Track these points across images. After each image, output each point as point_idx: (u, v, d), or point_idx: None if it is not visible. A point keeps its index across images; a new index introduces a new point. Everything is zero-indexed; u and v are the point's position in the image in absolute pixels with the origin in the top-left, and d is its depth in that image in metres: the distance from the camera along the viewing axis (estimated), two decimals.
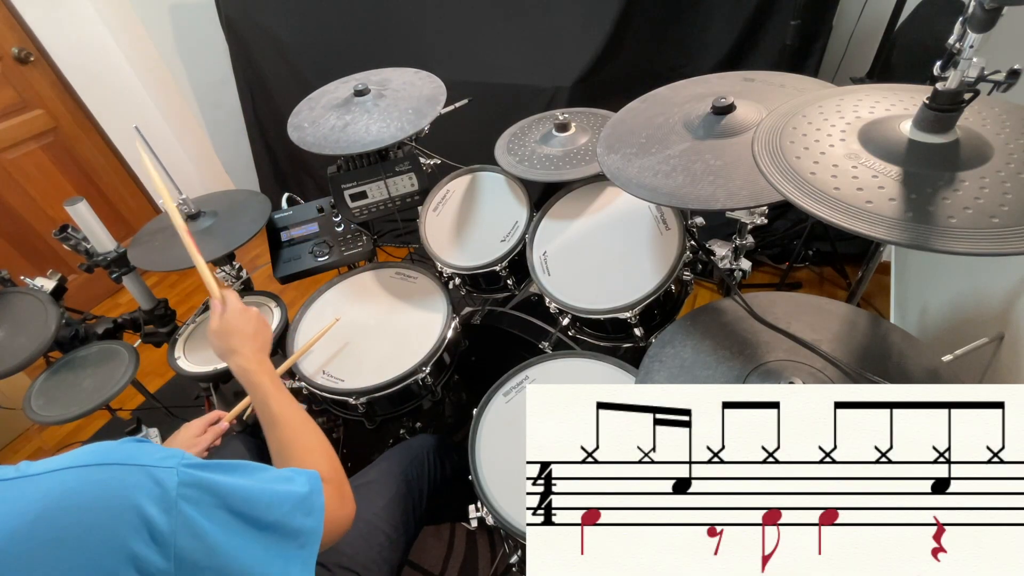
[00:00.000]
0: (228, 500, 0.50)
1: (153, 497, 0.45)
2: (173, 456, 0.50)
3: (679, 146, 0.82)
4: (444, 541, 1.33)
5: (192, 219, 1.32)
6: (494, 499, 0.87)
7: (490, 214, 1.26)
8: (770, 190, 0.59)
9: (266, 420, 0.73)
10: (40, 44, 2.13)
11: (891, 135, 0.59)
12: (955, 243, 0.48)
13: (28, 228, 2.24)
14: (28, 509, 0.42)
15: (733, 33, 1.70)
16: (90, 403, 1.17)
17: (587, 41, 1.71)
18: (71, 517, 0.43)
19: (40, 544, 0.41)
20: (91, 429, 1.92)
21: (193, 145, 2.66)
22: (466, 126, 1.48)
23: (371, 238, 1.43)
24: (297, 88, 1.51)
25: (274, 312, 1.31)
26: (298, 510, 0.56)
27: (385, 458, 1.04)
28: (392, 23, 1.95)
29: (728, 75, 0.94)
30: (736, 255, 0.98)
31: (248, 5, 2.12)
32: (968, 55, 0.52)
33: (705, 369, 0.81)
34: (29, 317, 1.22)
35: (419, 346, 1.13)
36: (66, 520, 0.42)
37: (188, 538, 0.46)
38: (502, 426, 0.96)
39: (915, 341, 0.80)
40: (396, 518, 0.94)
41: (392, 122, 1.19)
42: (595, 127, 1.20)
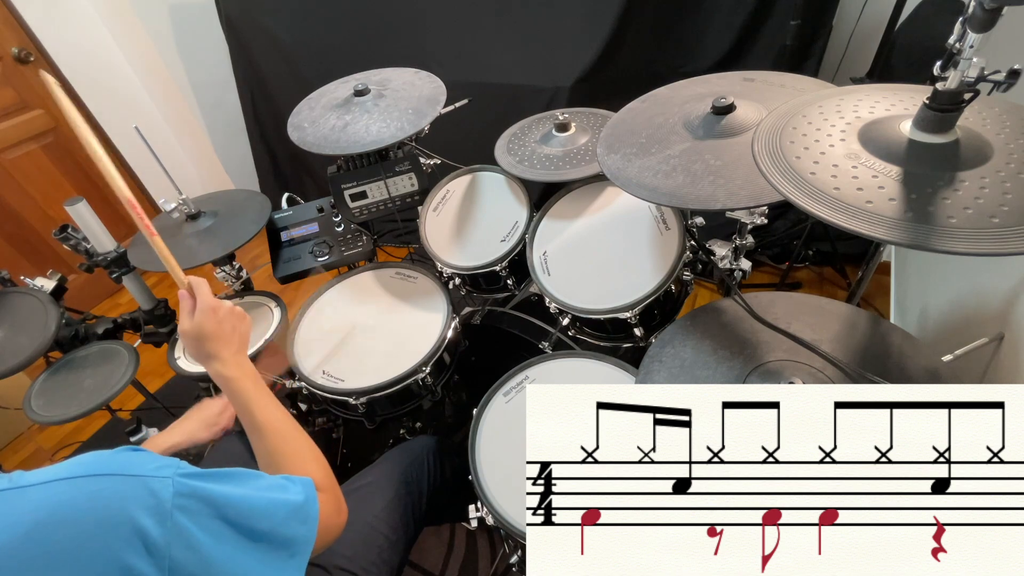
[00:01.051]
0: (223, 510, 0.50)
1: (148, 508, 0.45)
2: (169, 465, 0.49)
3: (679, 146, 0.82)
4: (444, 541, 1.33)
5: (192, 219, 1.32)
6: (494, 499, 0.87)
7: (490, 214, 1.26)
8: (770, 190, 0.59)
9: (251, 428, 0.70)
10: (40, 44, 2.13)
11: (891, 135, 0.59)
12: (955, 243, 0.48)
13: (28, 228, 2.24)
14: (20, 522, 0.41)
15: (733, 33, 1.70)
16: (90, 403, 1.17)
17: (587, 41, 1.71)
18: (64, 531, 0.42)
19: (32, 558, 0.41)
20: (91, 429, 1.92)
21: (193, 145, 2.66)
22: (466, 126, 1.49)
23: (371, 238, 1.43)
24: (297, 88, 1.50)
25: (274, 312, 1.31)
26: (293, 518, 0.56)
27: (384, 459, 1.04)
28: (392, 23, 1.95)
29: (728, 75, 0.94)
30: (736, 255, 0.98)
31: (248, 5, 2.12)
32: (968, 55, 0.52)
33: (705, 369, 0.81)
34: (29, 317, 1.22)
35: (419, 346, 1.13)
36: (59, 534, 0.42)
37: (182, 549, 0.46)
38: (502, 426, 0.96)
39: (915, 341, 0.80)
40: (395, 520, 0.94)
41: (392, 122, 1.19)
42: (595, 127, 1.20)
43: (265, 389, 0.74)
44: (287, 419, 0.72)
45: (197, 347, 0.74)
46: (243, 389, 0.72)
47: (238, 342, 0.76)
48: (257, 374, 0.75)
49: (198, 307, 0.74)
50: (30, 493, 0.44)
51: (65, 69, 2.21)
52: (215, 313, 0.74)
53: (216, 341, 0.73)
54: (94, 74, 2.27)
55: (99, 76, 2.29)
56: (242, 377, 0.73)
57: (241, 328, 0.78)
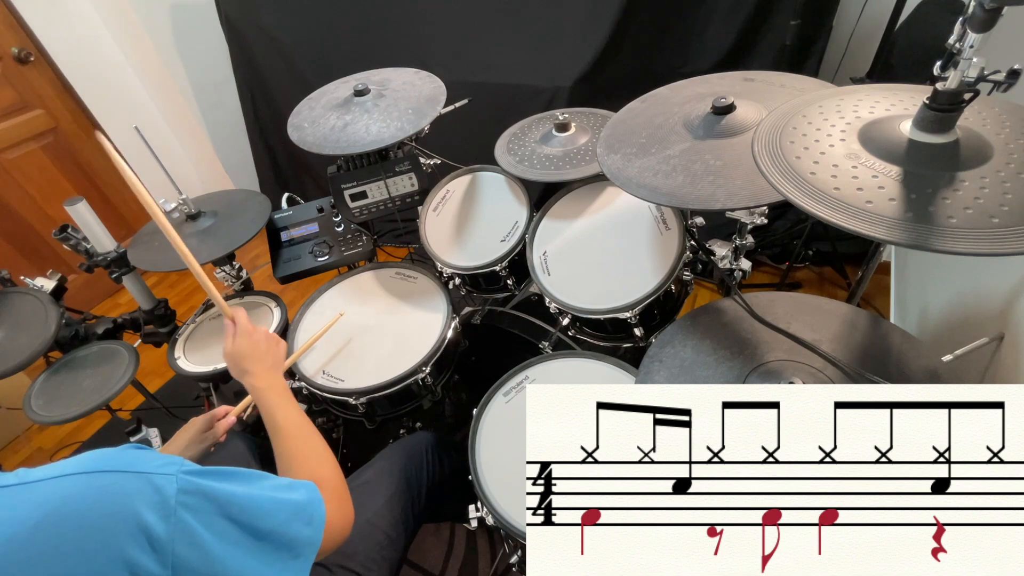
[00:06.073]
0: (227, 508, 0.51)
1: (152, 504, 0.45)
2: (173, 463, 0.49)
3: (679, 146, 0.82)
4: (444, 541, 1.33)
5: (192, 219, 1.32)
6: (494, 499, 0.87)
7: (490, 214, 1.26)
8: (770, 190, 0.59)
9: (273, 430, 0.76)
10: (40, 44, 2.13)
11: (891, 135, 0.59)
12: (955, 243, 0.48)
13: (28, 228, 2.24)
14: (28, 516, 0.42)
15: (733, 33, 1.70)
16: (90, 403, 1.17)
17: (587, 41, 1.71)
18: (69, 524, 0.43)
19: (39, 551, 0.41)
20: (91, 429, 1.92)
21: (193, 145, 2.66)
22: (466, 126, 1.48)
23: (371, 238, 1.43)
24: (297, 88, 1.50)
25: (274, 312, 1.31)
26: (297, 519, 0.56)
27: (384, 456, 1.04)
28: (392, 23, 1.95)
29: (728, 75, 0.94)
30: (736, 255, 0.98)
31: (248, 5, 2.12)
32: (968, 55, 0.52)
33: (705, 369, 0.81)
34: (29, 317, 1.22)
35: (419, 346, 1.13)
36: (65, 527, 0.42)
37: (186, 546, 0.46)
38: (502, 426, 0.96)
39: (915, 341, 0.80)
40: (395, 516, 0.94)
41: (392, 122, 1.19)
42: (595, 127, 1.20)
43: (291, 399, 0.81)
44: (306, 425, 0.77)
45: (236, 364, 0.85)
46: (270, 398, 0.80)
47: (271, 361, 0.87)
48: (286, 387, 0.85)
49: (238, 332, 0.86)
50: (37, 488, 0.44)
51: (65, 69, 2.20)
52: (251, 337, 0.86)
53: (251, 359, 0.85)
54: (94, 74, 2.27)
55: (99, 76, 2.28)
56: (270, 388, 0.81)
57: (275, 350, 0.89)
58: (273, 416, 0.77)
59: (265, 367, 0.85)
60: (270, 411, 0.78)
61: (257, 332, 0.88)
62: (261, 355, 0.86)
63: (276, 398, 0.80)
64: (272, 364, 0.87)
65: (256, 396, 0.81)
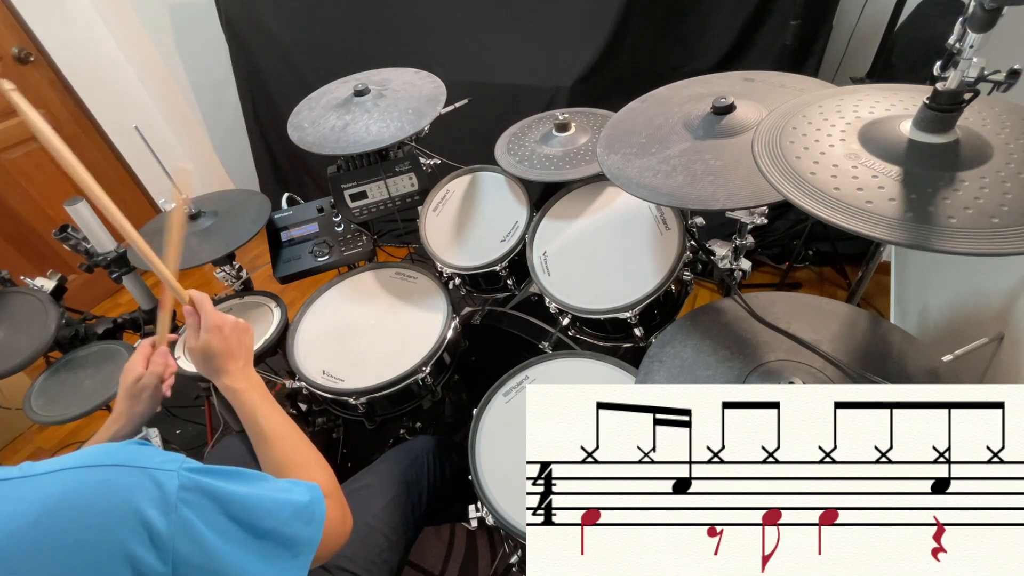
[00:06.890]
0: (227, 506, 0.51)
1: (153, 500, 0.46)
2: (174, 460, 0.50)
3: (679, 146, 0.82)
4: (444, 541, 1.33)
5: (192, 219, 1.32)
6: (494, 499, 0.87)
7: (490, 214, 1.26)
8: (770, 190, 0.59)
9: (257, 437, 0.72)
10: (40, 44, 2.13)
11: (891, 135, 0.59)
12: (955, 243, 0.48)
13: (28, 228, 2.24)
14: (29, 509, 0.42)
15: (733, 33, 1.70)
16: (90, 403, 1.17)
17: (587, 41, 1.71)
18: (71, 517, 0.43)
19: (40, 544, 0.41)
20: (91, 429, 1.92)
21: (193, 145, 2.66)
22: (466, 126, 1.48)
23: (371, 238, 1.43)
24: (297, 88, 1.50)
25: (274, 312, 1.31)
26: (297, 518, 0.56)
27: (384, 460, 1.04)
28: (392, 23, 1.95)
29: (728, 75, 0.94)
30: (736, 255, 0.98)
31: (248, 5, 2.12)
32: (968, 55, 0.52)
33: (705, 369, 0.81)
34: (29, 317, 1.22)
35: (419, 346, 1.13)
36: (66, 521, 0.42)
37: (186, 542, 0.46)
38: (502, 426, 0.96)
39: (915, 341, 0.80)
40: (395, 520, 0.94)
41: (392, 122, 1.19)
42: (595, 127, 1.20)
43: (271, 399, 0.75)
44: (292, 428, 0.73)
45: (206, 364, 0.75)
46: (250, 400, 0.73)
47: (244, 356, 0.78)
48: (263, 385, 0.77)
49: (203, 325, 0.75)
50: (40, 481, 0.44)
51: (65, 69, 2.20)
52: (221, 331, 0.75)
53: (224, 357, 0.75)
54: (94, 74, 2.27)
55: (99, 76, 2.29)
56: (249, 389, 0.74)
57: (246, 341, 0.79)
58: (255, 420, 0.72)
59: (239, 365, 0.76)
60: (251, 415, 0.72)
61: (226, 323, 0.76)
62: (233, 351, 0.76)
63: (258, 400, 0.73)
64: (246, 360, 0.78)
65: (234, 399, 0.74)
